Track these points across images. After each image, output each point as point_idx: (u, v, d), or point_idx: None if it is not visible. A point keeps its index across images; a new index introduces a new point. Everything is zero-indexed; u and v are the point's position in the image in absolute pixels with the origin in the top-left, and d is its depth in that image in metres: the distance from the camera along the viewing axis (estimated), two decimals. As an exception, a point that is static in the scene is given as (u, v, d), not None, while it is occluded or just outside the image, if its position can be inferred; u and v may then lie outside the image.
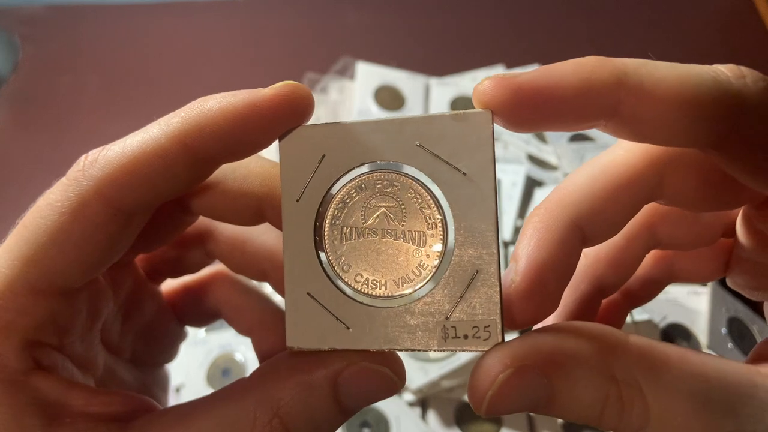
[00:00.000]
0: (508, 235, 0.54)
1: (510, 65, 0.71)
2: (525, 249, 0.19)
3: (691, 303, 0.51)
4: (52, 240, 0.18)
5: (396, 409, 0.45)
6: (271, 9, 0.81)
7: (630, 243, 0.23)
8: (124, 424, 0.19)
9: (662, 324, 0.50)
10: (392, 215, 0.19)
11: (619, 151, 0.20)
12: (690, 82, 0.16)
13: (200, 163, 0.19)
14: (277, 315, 0.27)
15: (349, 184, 0.19)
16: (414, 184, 0.18)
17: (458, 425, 0.45)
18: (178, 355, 0.30)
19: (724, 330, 0.49)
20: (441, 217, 0.18)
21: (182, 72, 0.74)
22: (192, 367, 0.47)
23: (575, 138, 0.65)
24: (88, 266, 0.19)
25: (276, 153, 0.19)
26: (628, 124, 0.17)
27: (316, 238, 0.19)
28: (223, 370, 0.48)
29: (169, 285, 0.28)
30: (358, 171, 0.19)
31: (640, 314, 0.49)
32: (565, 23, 0.82)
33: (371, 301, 0.18)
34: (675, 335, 0.50)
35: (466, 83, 0.68)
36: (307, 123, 0.19)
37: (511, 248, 0.54)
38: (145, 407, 0.21)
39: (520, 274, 0.18)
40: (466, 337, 0.18)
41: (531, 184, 0.58)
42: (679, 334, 0.50)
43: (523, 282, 0.18)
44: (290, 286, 0.19)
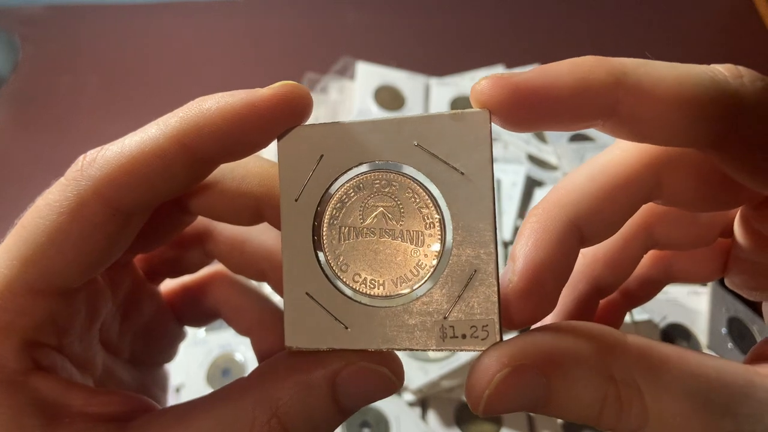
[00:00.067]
0: (508, 235, 0.54)
1: (510, 65, 0.71)
2: (522, 249, 0.19)
3: (691, 303, 0.51)
4: (50, 240, 0.18)
5: (396, 409, 0.44)
6: (271, 9, 0.81)
7: (628, 243, 0.23)
8: (122, 424, 0.19)
9: (662, 324, 0.50)
10: (390, 215, 0.19)
11: (616, 151, 0.20)
12: (688, 81, 0.16)
13: (199, 163, 0.19)
14: (275, 315, 0.27)
15: (348, 184, 0.19)
16: (412, 183, 0.18)
17: (458, 425, 0.45)
18: (177, 355, 0.30)
19: (724, 330, 0.49)
20: (439, 217, 0.18)
21: (182, 72, 0.74)
22: (192, 367, 0.47)
23: (575, 138, 0.64)
24: (86, 266, 0.19)
25: (274, 153, 0.19)
26: (625, 124, 0.17)
27: (314, 238, 0.19)
28: (223, 370, 0.48)
29: (167, 285, 0.28)
30: (357, 171, 0.19)
31: (640, 314, 0.49)
32: (565, 23, 0.82)
33: (369, 301, 0.18)
34: (675, 335, 0.50)
35: (466, 83, 0.68)
36: (306, 123, 0.19)
37: (511, 248, 0.54)
38: (143, 407, 0.21)
39: (517, 274, 0.18)
40: (465, 336, 0.18)
41: (531, 184, 0.58)
42: (679, 334, 0.50)
43: (520, 282, 0.18)
44: (289, 285, 0.19)
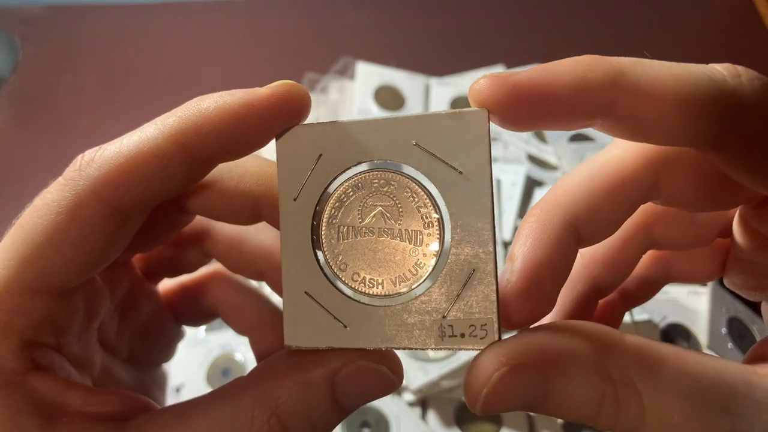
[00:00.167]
0: (508, 235, 0.54)
1: (510, 65, 0.71)
2: (521, 249, 0.19)
3: (691, 303, 0.51)
4: (48, 240, 0.18)
5: (396, 409, 0.44)
6: (271, 9, 0.81)
7: (626, 243, 0.23)
8: (121, 423, 0.19)
9: (662, 324, 0.50)
10: (389, 214, 0.19)
11: (615, 150, 0.20)
12: (686, 81, 0.16)
13: (197, 163, 0.19)
14: (274, 314, 0.27)
15: (346, 183, 0.19)
16: (410, 183, 0.18)
17: (458, 425, 0.45)
18: (175, 354, 0.30)
19: (724, 330, 0.49)
20: (438, 216, 0.18)
21: (182, 72, 0.74)
22: (192, 367, 0.47)
23: (575, 138, 0.64)
24: (84, 266, 0.19)
25: (273, 152, 0.19)
26: (624, 123, 0.17)
27: (313, 237, 0.19)
28: (223, 370, 0.48)
29: (166, 284, 0.28)
30: (355, 170, 0.19)
31: (640, 314, 0.49)
32: (565, 23, 0.82)
33: (369, 300, 0.18)
34: (675, 335, 0.50)
35: (466, 83, 0.68)
36: (305, 122, 0.19)
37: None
38: (142, 407, 0.21)
39: (516, 274, 0.18)
40: (463, 335, 0.18)
41: (531, 184, 0.58)
42: (679, 334, 0.50)
43: (519, 282, 0.18)
44: (288, 285, 0.19)
